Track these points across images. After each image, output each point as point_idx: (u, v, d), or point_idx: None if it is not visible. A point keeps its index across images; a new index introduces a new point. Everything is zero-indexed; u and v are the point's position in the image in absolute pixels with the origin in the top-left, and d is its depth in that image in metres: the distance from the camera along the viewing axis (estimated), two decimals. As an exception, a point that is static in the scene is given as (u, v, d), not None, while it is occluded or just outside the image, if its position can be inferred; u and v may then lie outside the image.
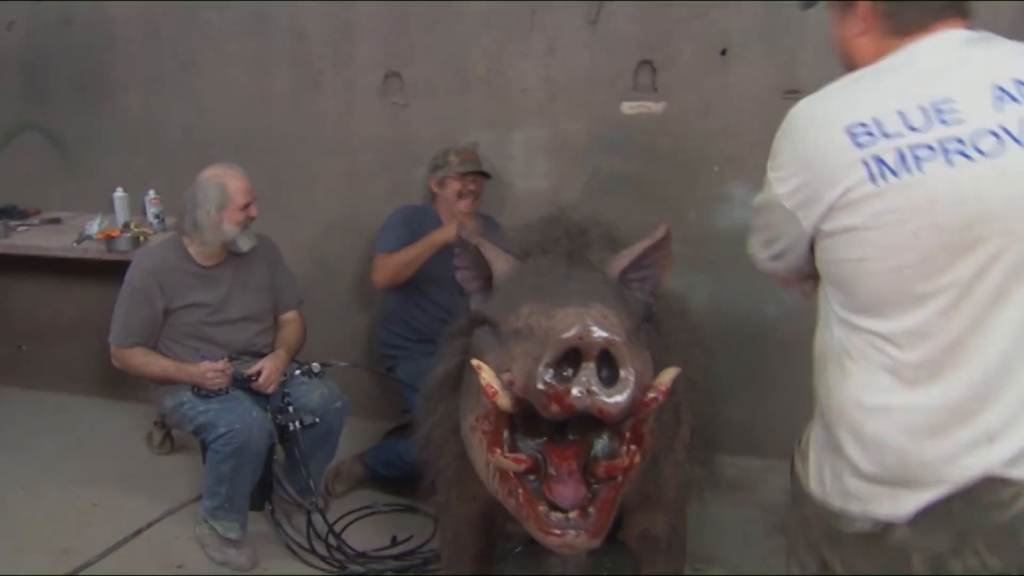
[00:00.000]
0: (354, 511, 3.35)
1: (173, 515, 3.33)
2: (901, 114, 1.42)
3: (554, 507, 1.71)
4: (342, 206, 4.00)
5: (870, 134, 1.42)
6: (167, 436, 3.82)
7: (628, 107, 3.60)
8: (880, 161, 1.41)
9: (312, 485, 3.10)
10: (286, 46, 3.91)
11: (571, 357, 1.61)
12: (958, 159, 1.39)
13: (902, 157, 1.40)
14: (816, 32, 2.93)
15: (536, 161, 3.73)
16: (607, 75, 3.58)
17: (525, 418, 1.77)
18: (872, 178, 1.41)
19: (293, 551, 3.11)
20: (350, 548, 3.09)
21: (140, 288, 3.05)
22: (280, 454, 3.25)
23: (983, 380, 1.43)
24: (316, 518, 3.14)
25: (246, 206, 3.07)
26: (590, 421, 1.69)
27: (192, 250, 3.11)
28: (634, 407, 1.64)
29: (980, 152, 1.39)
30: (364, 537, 3.20)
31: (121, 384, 3.99)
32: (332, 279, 4.07)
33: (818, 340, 1.60)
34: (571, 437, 1.79)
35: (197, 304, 3.10)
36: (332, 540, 3.11)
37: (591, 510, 1.70)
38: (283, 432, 3.07)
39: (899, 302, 1.45)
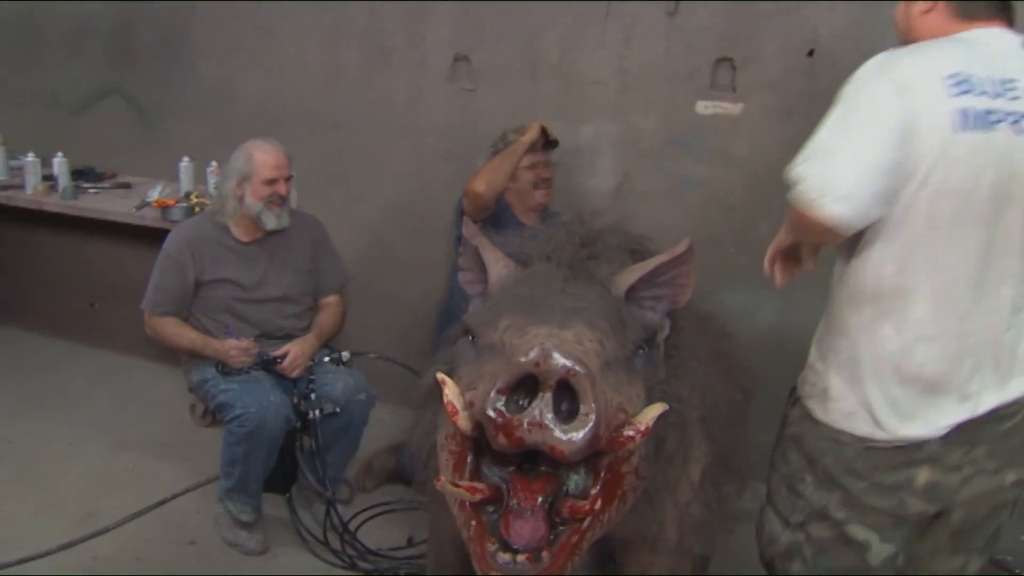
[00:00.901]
0: (376, 506, 3.26)
1: (197, 490, 3.31)
2: (981, 80, 1.69)
3: (506, 546, 1.54)
4: (406, 189, 3.91)
5: (960, 88, 1.67)
6: (209, 409, 3.81)
7: (704, 106, 3.36)
8: (965, 113, 1.66)
9: (328, 476, 3.02)
10: (359, 20, 3.83)
11: (531, 384, 1.44)
12: (1018, 128, 1.70)
13: (981, 115, 1.67)
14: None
15: (603, 156, 3.54)
16: (684, 71, 3.35)
17: (491, 440, 1.61)
18: (959, 127, 1.65)
19: (305, 541, 3.03)
20: (361, 545, 2.99)
21: (174, 257, 3.02)
22: (304, 441, 3.18)
23: (1010, 312, 1.77)
24: (334, 510, 3.06)
25: (272, 182, 2.98)
26: (561, 454, 1.52)
27: (229, 224, 3.06)
28: (599, 446, 1.46)
29: None
30: (382, 533, 3.11)
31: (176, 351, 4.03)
32: (391, 263, 3.99)
33: (849, 282, 1.81)
34: (543, 469, 1.61)
35: (230, 280, 3.05)
36: (345, 535, 3.02)
37: (544, 554, 1.52)
38: (303, 419, 3.00)
39: (942, 239, 1.71)
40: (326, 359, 3.08)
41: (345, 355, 3.09)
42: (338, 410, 2.97)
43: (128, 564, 2.91)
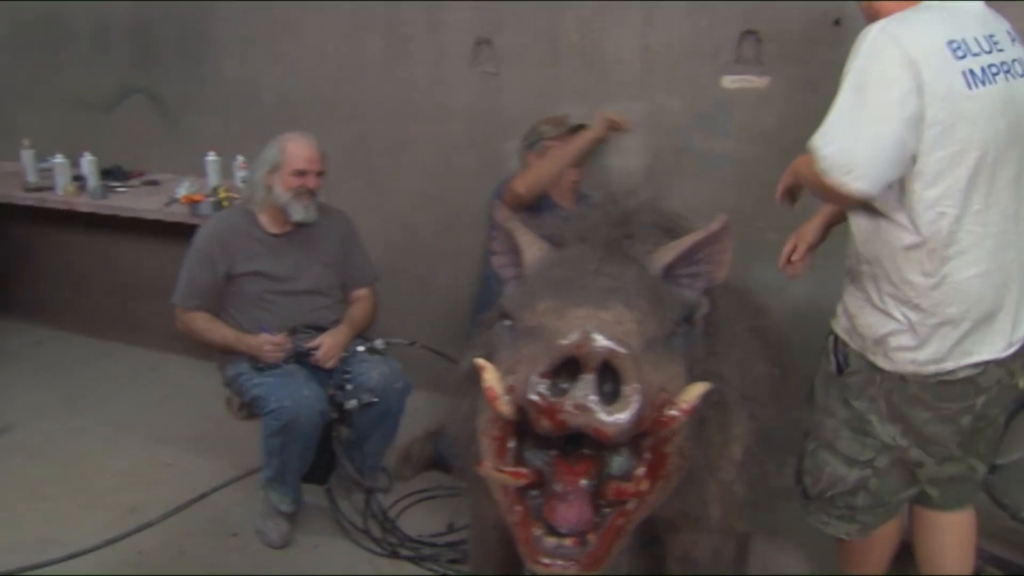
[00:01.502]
0: (414, 493, 3.27)
1: (238, 482, 3.32)
2: (975, 39, 1.90)
3: (551, 530, 1.53)
4: (430, 177, 3.90)
5: (961, 50, 1.87)
6: (244, 402, 3.83)
7: (730, 81, 3.31)
8: (971, 72, 1.87)
9: (367, 465, 3.02)
10: (378, 10, 3.81)
11: (573, 367, 1.42)
12: (1011, 76, 1.94)
13: (983, 71, 1.88)
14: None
15: (629, 136, 3.50)
16: (708, 47, 3.31)
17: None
18: (969, 85, 1.86)
19: (345, 530, 3.04)
20: (402, 532, 3.00)
21: (203, 251, 3.03)
22: (341, 432, 3.18)
23: None
24: (374, 499, 3.08)
25: (302, 174, 2.98)
26: (605, 436, 1.51)
27: (260, 216, 3.07)
28: (643, 427, 1.44)
29: (1020, 73, 1.97)
30: (422, 521, 3.11)
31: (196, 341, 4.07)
32: (418, 251, 3.99)
33: (894, 243, 1.97)
34: (585, 451, 1.60)
35: (261, 272, 3.05)
36: (385, 523, 3.04)
37: (591, 538, 1.51)
38: (341, 409, 3.01)
39: (983, 184, 1.91)
40: (360, 348, 3.08)
41: (380, 344, 3.09)
42: (375, 399, 2.97)
43: (172, 558, 2.94)
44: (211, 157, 4.02)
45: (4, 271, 4.99)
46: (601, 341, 1.39)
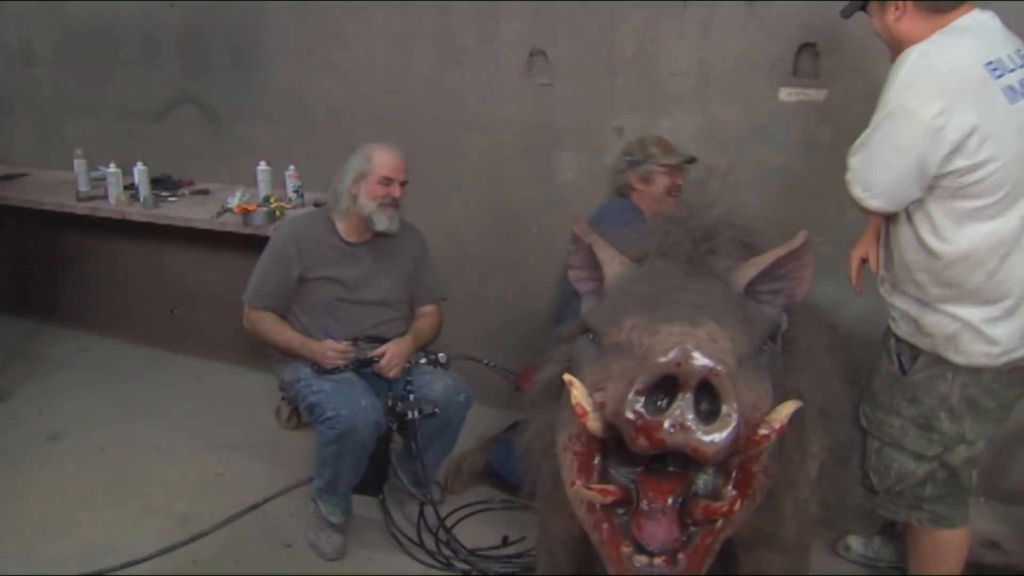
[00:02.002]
0: (467, 506, 3.27)
1: (290, 492, 3.34)
2: (1008, 56, 2.06)
3: (640, 548, 1.53)
4: (483, 189, 3.91)
5: (999, 70, 2.03)
6: (295, 411, 3.85)
7: (787, 94, 3.30)
8: (1011, 88, 2.03)
9: (426, 477, 3.03)
10: (430, 21, 3.83)
11: (668, 384, 1.43)
12: None
13: (1021, 84, 2.05)
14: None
15: (684, 149, 3.49)
16: (765, 59, 3.30)
17: (621, 442, 1.60)
18: (1010, 100, 2.03)
19: (399, 543, 3.05)
20: (460, 545, 3.00)
21: (280, 251, 3.06)
22: (398, 442, 3.19)
23: None
24: (428, 511, 3.09)
25: (388, 182, 3.02)
26: (692, 453, 1.51)
27: (339, 224, 3.10)
28: (737, 446, 1.44)
29: None
30: (475, 534, 3.11)
31: (258, 354, 4.08)
32: (470, 263, 4.00)
33: (947, 251, 2.12)
34: (671, 469, 1.60)
35: (334, 279, 3.08)
36: (442, 535, 3.04)
37: (681, 556, 1.51)
38: (401, 420, 3.02)
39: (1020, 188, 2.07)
40: (423, 360, 3.10)
41: (442, 356, 3.11)
42: (437, 411, 2.98)
43: (227, 567, 2.95)
44: (262, 166, 4.05)
45: (55, 279, 5.05)
46: (700, 359, 1.40)
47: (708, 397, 1.42)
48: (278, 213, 3.78)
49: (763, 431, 1.51)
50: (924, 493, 2.34)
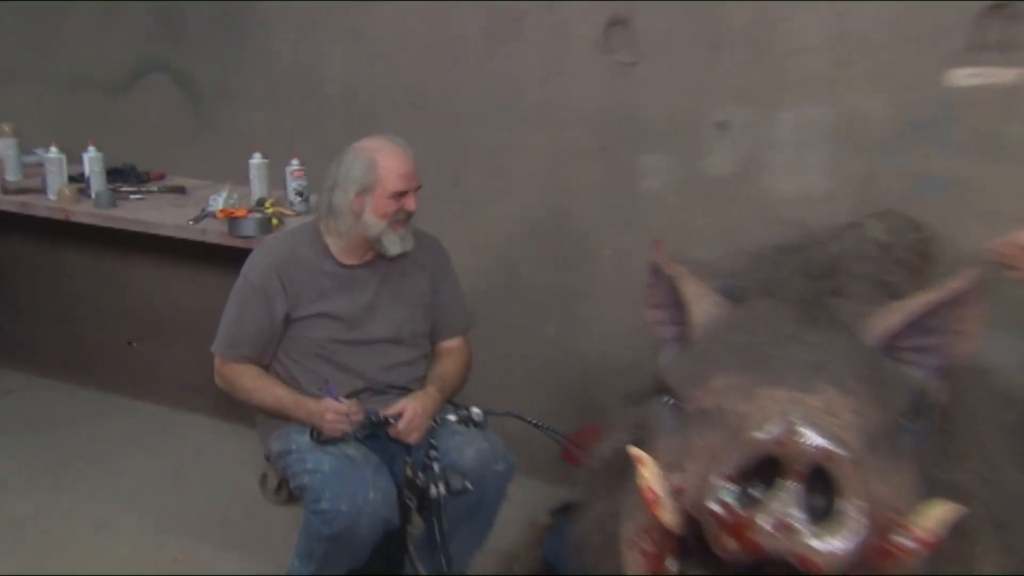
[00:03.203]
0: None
1: (271, 589, 3.38)
2: None
3: None
4: (540, 198, 3.95)
5: None
6: (286, 482, 3.88)
7: (961, 75, 3.27)
8: None
9: (450, 572, 3.03)
10: (479, -22, 3.90)
11: (769, 469, 1.42)
12: None
13: None
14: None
15: (811, 151, 3.49)
16: (929, 28, 3.27)
17: (703, 542, 1.59)
18: None
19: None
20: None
21: (257, 284, 3.09)
22: (418, 525, 3.20)
23: None
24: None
25: (401, 195, 3.04)
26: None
27: (331, 243, 3.14)
28: (864, 558, 1.43)
29: None
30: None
31: (240, 403, 4.13)
32: (521, 293, 4.03)
33: None
34: (771, 578, 1.59)
35: (329, 315, 3.11)
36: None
37: None
38: (422, 497, 3.03)
39: None
40: (452, 418, 3.10)
41: (477, 413, 3.11)
42: (469, 486, 2.98)
43: None
44: (256, 160, 4.12)
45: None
46: (812, 437, 1.39)
47: (823, 489, 1.41)
48: (275, 221, 3.84)
49: (903, 540, 1.49)
50: None
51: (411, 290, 3.21)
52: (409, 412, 3.02)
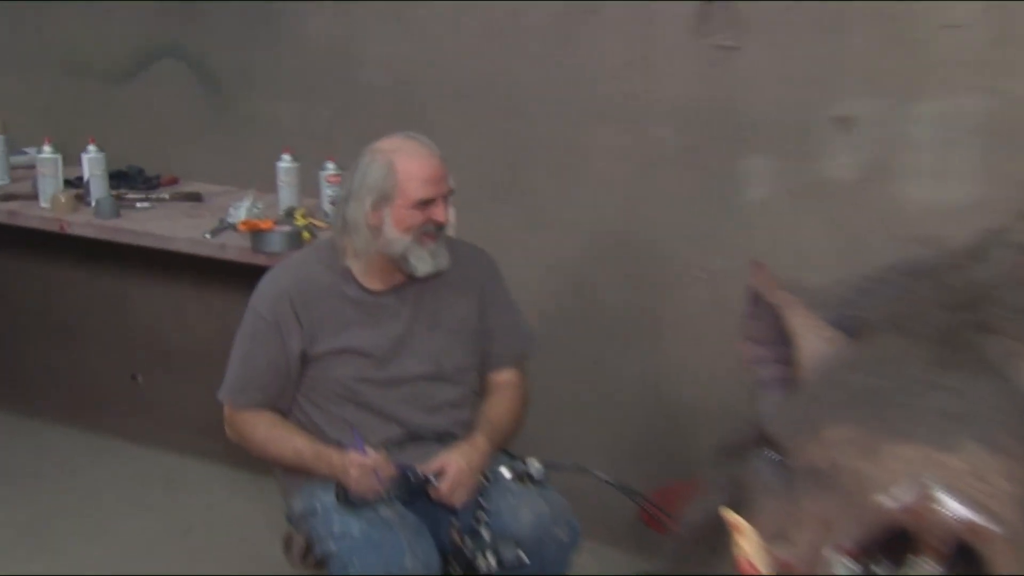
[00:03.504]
0: None
1: None
2: None
3: None
4: (622, 210, 3.94)
5: None
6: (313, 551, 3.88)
7: None
8: None
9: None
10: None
11: (896, 541, 1.39)
12: None
13: None
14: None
15: (958, 151, 3.46)
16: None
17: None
18: None
19: None
20: None
21: (267, 316, 3.10)
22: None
23: None
24: None
25: (426, 204, 3.02)
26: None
27: (353, 264, 3.14)
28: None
29: None
30: None
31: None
32: (596, 322, 4.02)
33: None
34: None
35: (354, 350, 3.10)
36: None
37: None
38: (469, 568, 3.00)
39: None
40: (506, 473, 3.08)
41: (535, 466, 3.08)
42: (524, 557, 2.96)
43: None
44: (285, 163, 4.14)
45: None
46: (953, 506, 1.36)
47: (967, 568, 1.37)
48: (307, 235, 3.85)
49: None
50: None
51: (452, 315, 3.20)
52: (452, 470, 3.00)
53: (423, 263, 3.05)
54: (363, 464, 2.96)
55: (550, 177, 4.00)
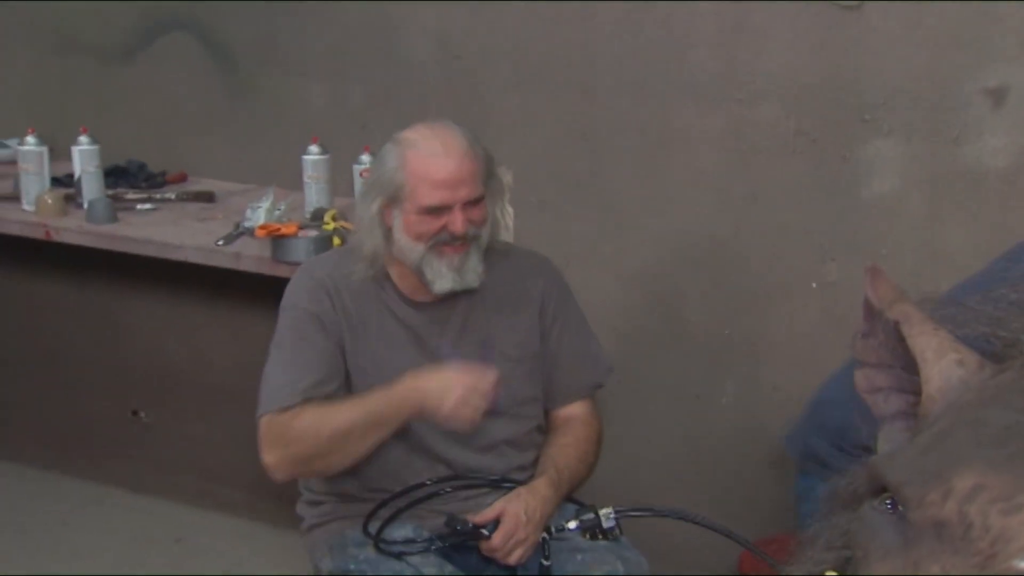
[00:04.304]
0: None
1: None
2: None
3: None
4: (718, 208, 3.95)
5: None
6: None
7: None
8: None
9: None
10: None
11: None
12: None
13: None
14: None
15: None
16: None
17: None
18: None
19: None
20: None
21: (309, 309, 3.09)
22: None
23: None
24: None
25: (439, 211, 2.99)
26: None
27: (394, 273, 3.15)
28: None
29: None
30: None
31: (287, 500, 4.16)
32: (686, 341, 4.05)
33: None
34: None
35: (393, 369, 3.06)
36: None
37: None
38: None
39: None
40: (571, 525, 3.09)
41: (608, 516, 3.08)
42: None
43: None
44: (313, 155, 4.17)
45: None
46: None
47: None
48: (337, 241, 3.85)
49: None
50: None
51: (508, 338, 3.21)
52: (508, 520, 3.01)
53: (441, 279, 3.04)
54: (472, 383, 2.93)
55: (629, 169, 4.00)
